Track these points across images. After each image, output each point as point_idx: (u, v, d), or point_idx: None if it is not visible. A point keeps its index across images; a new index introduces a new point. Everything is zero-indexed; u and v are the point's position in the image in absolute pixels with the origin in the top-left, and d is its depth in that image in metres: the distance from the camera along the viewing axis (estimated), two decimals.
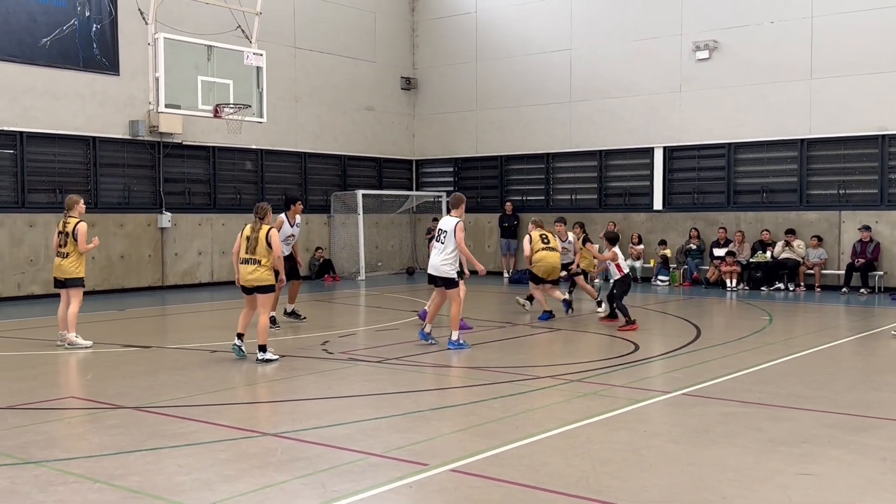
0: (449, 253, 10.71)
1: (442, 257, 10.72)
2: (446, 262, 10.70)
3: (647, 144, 21.17)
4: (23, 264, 17.08)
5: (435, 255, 10.88)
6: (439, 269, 10.77)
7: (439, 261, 10.76)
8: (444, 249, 10.73)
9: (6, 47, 16.67)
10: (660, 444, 6.38)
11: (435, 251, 10.90)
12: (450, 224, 10.78)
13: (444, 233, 10.80)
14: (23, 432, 6.64)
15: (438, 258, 10.78)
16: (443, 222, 10.97)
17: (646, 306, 15.89)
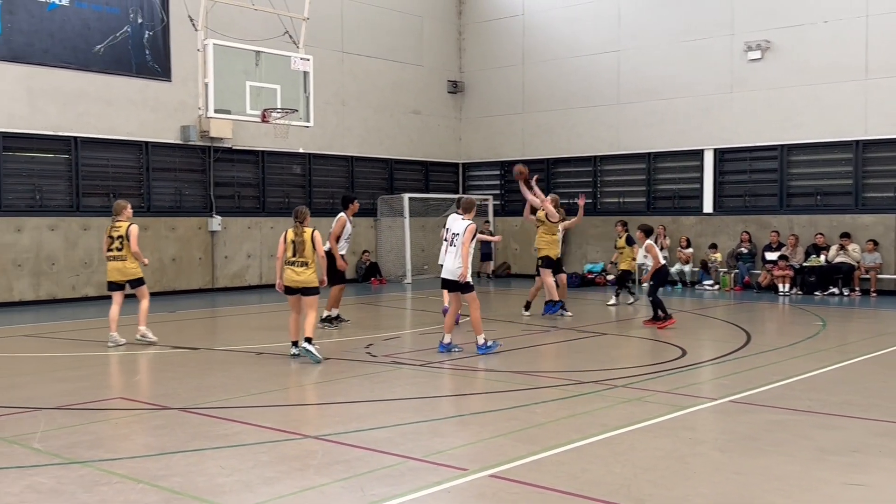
0: (457, 256, 10.53)
1: (457, 261, 10.51)
2: (461, 266, 10.50)
3: (697, 146, 20.88)
4: (77, 267, 17.47)
5: (449, 258, 10.65)
6: (454, 273, 10.55)
7: (454, 264, 10.55)
8: (458, 252, 10.53)
9: (61, 54, 17.08)
10: (705, 451, 6.25)
11: (449, 255, 10.65)
12: (461, 226, 10.55)
13: (456, 235, 10.58)
14: (71, 432, 6.77)
15: (453, 262, 10.57)
16: (454, 224, 10.69)
17: (695, 311, 15.66)
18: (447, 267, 10.66)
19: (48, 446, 6.32)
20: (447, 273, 10.66)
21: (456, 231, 10.59)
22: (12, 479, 5.52)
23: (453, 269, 10.53)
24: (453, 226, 10.68)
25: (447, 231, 10.77)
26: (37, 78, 16.79)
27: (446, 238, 10.75)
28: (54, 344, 11.88)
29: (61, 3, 17.07)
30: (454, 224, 10.69)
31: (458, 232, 10.55)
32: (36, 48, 16.74)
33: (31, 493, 5.25)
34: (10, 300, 16.49)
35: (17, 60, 16.50)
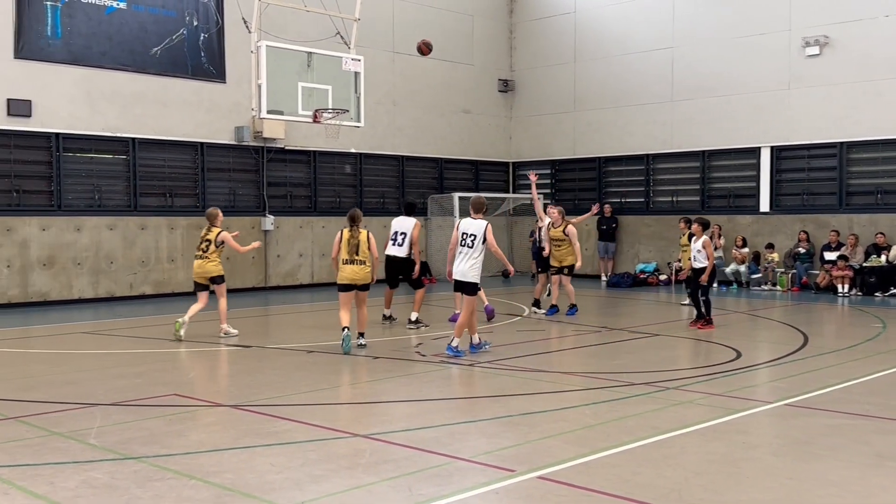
0: (476, 258, 10.26)
1: (471, 263, 10.25)
2: (474, 268, 10.25)
3: (753, 144, 20.50)
4: (135, 265, 17.83)
5: (464, 260, 10.30)
6: (467, 275, 10.27)
7: (468, 267, 10.27)
8: (472, 254, 10.23)
9: (119, 57, 17.45)
10: (758, 456, 6.13)
11: (463, 257, 10.31)
12: (479, 227, 10.26)
13: (472, 237, 10.26)
14: (126, 428, 6.90)
15: (468, 264, 10.27)
16: (469, 225, 10.35)
17: (751, 312, 15.38)
18: (462, 269, 10.29)
19: (104, 442, 6.45)
20: (461, 275, 10.31)
21: (473, 233, 10.26)
22: (68, 475, 5.65)
23: (467, 271, 10.25)
24: (469, 228, 10.33)
25: (462, 234, 10.34)
26: (95, 80, 17.18)
27: (462, 241, 10.32)
28: (112, 341, 12.14)
29: (119, 6, 17.44)
30: (470, 226, 10.34)
31: (475, 233, 10.24)
32: (94, 51, 17.13)
33: (86, 489, 5.37)
34: (70, 298, 16.91)
35: (77, 63, 16.91)
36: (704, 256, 12.59)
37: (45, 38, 16.52)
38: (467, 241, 10.25)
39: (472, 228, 10.28)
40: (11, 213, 16.28)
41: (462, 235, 10.30)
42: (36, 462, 5.94)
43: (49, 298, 16.64)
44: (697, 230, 12.80)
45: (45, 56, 16.53)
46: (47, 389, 8.51)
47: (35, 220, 16.54)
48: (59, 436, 6.64)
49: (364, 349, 10.73)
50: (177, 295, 18.12)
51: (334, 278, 11.11)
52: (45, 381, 9.01)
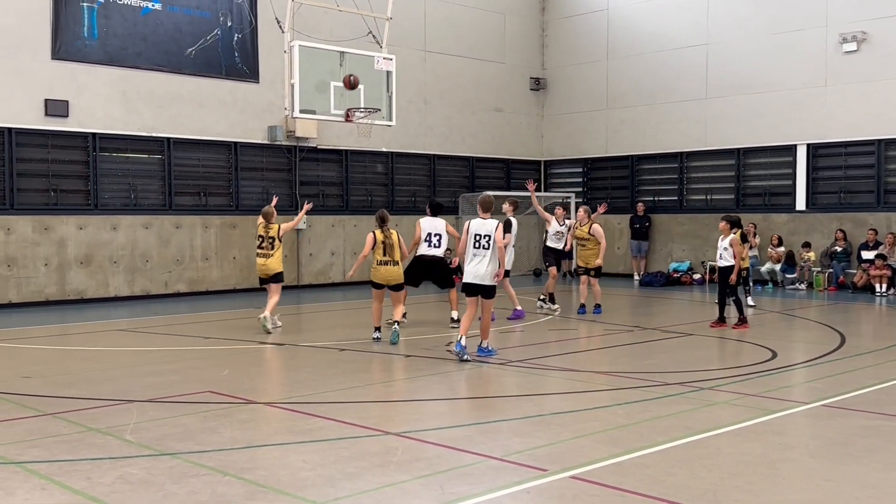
0: (493, 259, 9.91)
1: (487, 265, 9.87)
2: (490, 271, 9.88)
3: (789, 142, 20.24)
4: (169, 264, 18.03)
5: (480, 263, 9.89)
6: (485, 279, 9.87)
7: (486, 270, 9.86)
8: (488, 256, 9.88)
9: (155, 57, 17.65)
10: (795, 457, 6.06)
11: (478, 259, 9.91)
12: (491, 227, 9.91)
13: (486, 237, 9.88)
14: (161, 424, 6.98)
15: (485, 267, 9.87)
16: (480, 226, 9.96)
17: (787, 311, 15.19)
18: (478, 272, 9.88)
19: (140, 438, 6.54)
20: (478, 278, 9.88)
21: (486, 233, 9.91)
22: (105, 470, 5.73)
23: (484, 274, 9.86)
24: (481, 229, 9.97)
25: (474, 235, 9.96)
26: (131, 81, 17.39)
27: (477, 243, 9.94)
28: (147, 338, 12.29)
29: (154, 7, 17.64)
30: (482, 227, 9.98)
31: (488, 234, 9.90)
32: (130, 52, 17.35)
33: (122, 484, 5.44)
34: (107, 295, 17.14)
35: (113, 63, 17.13)
36: (731, 255, 12.45)
37: (81, 39, 16.76)
38: (482, 242, 9.91)
39: (485, 229, 9.95)
40: (49, 212, 16.54)
41: (474, 237, 9.95)
42: (73, 458, 6.03)
43: (86, 296, 16.89)
44: (725, 228, 12.67)
45: (82, 57, 16.76)
46: (85, 386, 8.63)
47: (72, 218, 16.78)
48: (96, 432, 6.74)
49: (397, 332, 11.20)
50: (211, 293, 18.31)
51: (366, 277, 11.35)
52: (83, 377, 9.14)
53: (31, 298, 16.23)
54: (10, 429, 6.87)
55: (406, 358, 10.29)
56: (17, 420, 7.17)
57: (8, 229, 16.04)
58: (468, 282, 9.98)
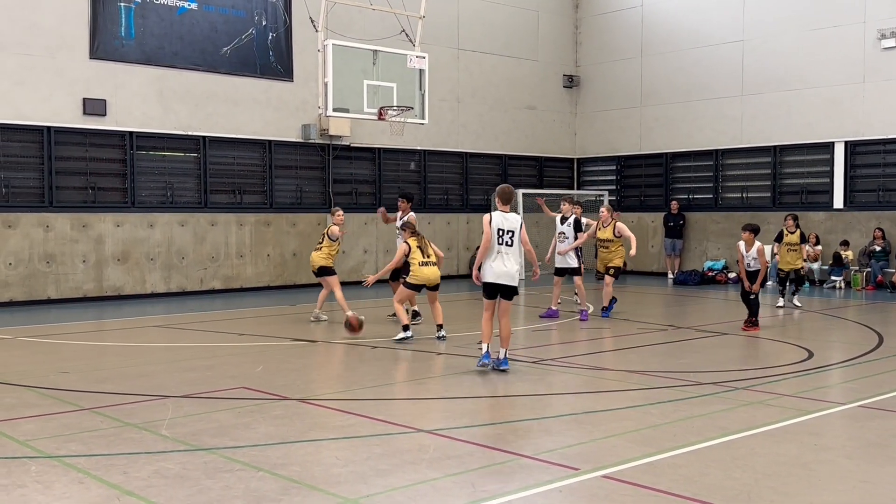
0: (520, 257, 9.31)
1: (515, 263, 9.13)
2: (518, 270, 9.17)
3: (826, 139, 19.95)
4: (205, 261, 18.22)
5: (506, 261, 9.06)
6: (515, 278, 9.12)
7: (515, 269, 9.12)
8: (515, 254, 9.14)
9: (191, 56, 17.84)
10: (831, 458, 5.98)
11: (505, 257, 9.06)
12: (515, 222, 9.15)
13: (510, 233, 9.07)
14: (196, 420, 7.07)
15: (513, 266, 9.09)
16: (503, 221, 9.09)
17: (824, 311, 14.98)
18: (508, 271, 9.08)
19: (175, 433, 6.62)
20: (508, 278, 9.09)
21: (510, 229, 9.11)
22: (141, 465, 5.81)
23: (513, 274, 9.11)
24: (504, 224, 9.13)
25: (497, 231, 9.11)
26: (168, 80, 17.60)
27: (500, 240, 9.11)
28: (183, 335, 12.43)
29: (190, 6, 17.83)
30: (505, 222, 9.14)
31: (512, 230, 9.12)
32: (166, 51, 17.55)
33: (158, 479, 5.51)
34: (144, 292, 17.37)
35: (150, 63, 17.34)
36: (758, 262, 12.38)
37: (119, 39, 16.99)
38: (505, 238, 9.08)
39: (508, 224, 9.10)
40: (87, 209, 16.79)
41: (498, 233, 9.07)
42: (110, 452, 6.12)
43: (123, 293, 17.13)
44: (750, 239, 12.45)
45: (120, 56, 16.99)
46: (121, 381, 8.76)
47: (110, 216, 17.02)
48: (133, 427, 6.83)
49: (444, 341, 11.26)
50: (245, 290, 18.48)
51: None
52: (119, 373, 9.27)
53: (69, 295, 16.49)
54: (49, 423, 7.00)
55: (438, 356, 10.30)
56: (56, 415, 7.29)
57: (47, 226, 16.31)
58: (495, 282, 9.13)
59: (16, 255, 15.98)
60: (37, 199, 16.31)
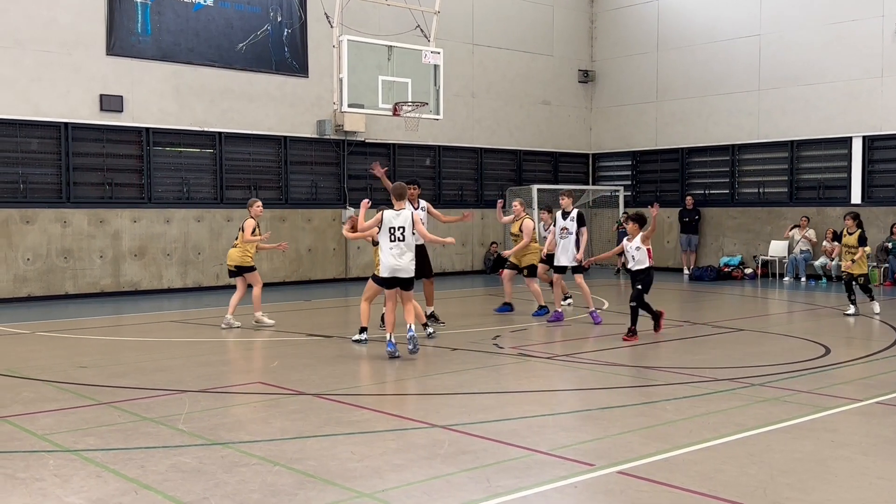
0: (413, 249, 9.78)
1: (410, 256, 9.73)
2: (413, 261, 9.81)
3: (844, 134, 19.81)
4: (221, 256, 18.27)
5: (402, 256, 9.65)
6: (409, 270, 9.79)
7: (409, 262, 9.73)
8: (408, 247, 9.77)
9: (207, 53, 17.91)
10: (848, 455, 5.94)
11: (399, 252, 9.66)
12: (407, 218, 9.72)
13: (401, 229, 9.68)
14: (213, 415, 7.11)
15: (407, 259, 9.71)
16: (394, 218, 9.69)
17: (840, 307, 14.88)
18: (402, 266, 9.69)
19: (192, 427, 6.66)
20: (402, 272, 9.70)
21: (401, 224, 9.69)
22: (158, 459, 5.85)
23: (408, 266, 9.79)
24: (396, 220, 9.75)
25: (393, 228, 9.69)
26: (184, 76, 17.68)
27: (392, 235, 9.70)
28: (199, 329, 12.50)
29: (206, 3, 17.90)
30: (396, 218, 9.76)
31: (404, 225, 9.68)
32: (183, 47, 17.63)
33: (175, 472, 5.55)
34: (160, 287, 17.48)
35: (166, 59, 17.43)
36: (645, 255, 10.99)
37: (135, 35, 17.07)
38: (397, 234, 9.64)
39: (399, 221, 9.69)
40: (104, 205, 16.91)
41: (390, 230, 9.62)
42: (127, 446, 6.17)
43: (140, 288, 17.24)
44: (634, 229, 11.09)
45: (136, 53, 17.08)
46: (138, 376, 8.82)
47: (127, 212, 17.14)
48: (150, 421, 6.88)
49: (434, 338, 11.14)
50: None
51: None
52: (136, 367, 9.34)
53: (86, 290, 16.62)
54: (66, 417, 7.06)
55: (452, 351, 10.32)
56: (74, 409, 7.35)
57: (64, 222, 16.43)
58: (387, 276, 9.69)
59: (34, 250, 16.11)
60: (54, 195, 16.43)
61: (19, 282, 15.95)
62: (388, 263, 9.67)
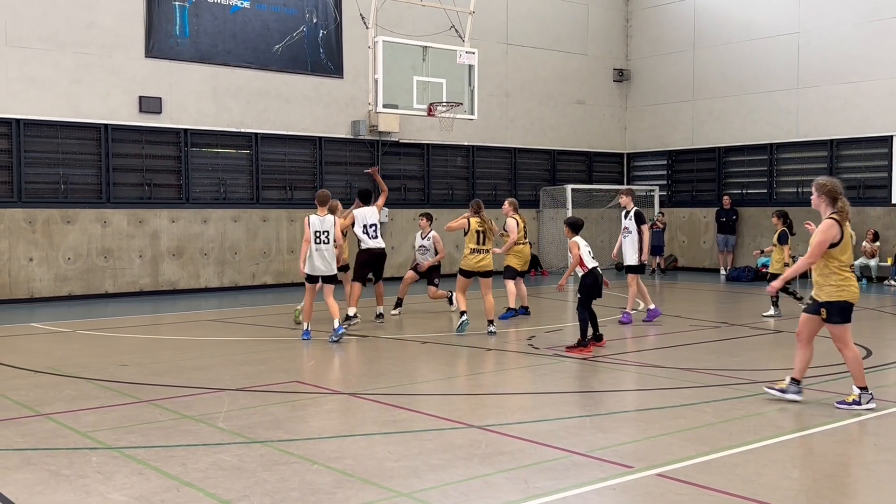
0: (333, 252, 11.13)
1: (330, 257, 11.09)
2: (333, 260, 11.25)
3: (885, 132, 19.48)
4: (257, 256, 18.46)
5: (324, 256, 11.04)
6: (331, 269, 11.18)
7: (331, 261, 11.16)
8: (329, 250, 11.07)
9: (243, 54, 18.07)
10: (892, 458, 5.85)
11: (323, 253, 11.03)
12: (330, 223, 10.99)
13: (325, 233, 10.97)
14: (252, 413, 7.17)
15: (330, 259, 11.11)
16: (319, 223, 10.99)
17: (881, 308, 14.64)
18: (324, 265, 11.03)
19: (231, 426, 6.72)
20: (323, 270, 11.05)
21: (326, 229, 10.99)
22: (199, 456, 5.92)
23: (330, 265, 11.10)
24: (321, 225, 11.01)
25: (318, 232, 10.99)
26: (221, 78, 17.85)
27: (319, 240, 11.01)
28: (236, 328, 12.62)
29: (243, 5, 18.06)
30: (322, 224, 11.03)
31: (328, 230, 11.00)
32: (220, 49, 17.80)
33: (215, 470, 5.61)
34: (198, 287, 17.67)
35: (203, 61, 17.61)
36: (576, 261, 10.44)
37: (174, 38, 17.27)
38: (322, 237, 10.97)
39: (324, 226, 10.98)
40: (143, 205, 17.13)
41: (315, 234, 10.96)
42: (168, 444, 6.25)
43: (178, 287, 17.44)
44: (568, 233, 10.75)
45: (175, 55, 17.28)
46: (177, 374, 8.93)
47: (165, 212, 17.34)
48: (190, 419, 6.96)
49: (494, 336, 11.28)
50: (296, 285, 18.63)
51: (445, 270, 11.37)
52: (176, 366, 9.45)
53: (125, 289, 16.85)
54: (108, 415, 7.16)
55: (487, 352, 10.31)
56: (115, 406, 7.46)
57: (104, 222, 16.67)
58: (310, 273, 11.04)
59: (74, 250, 16.37)
60: (94, 196, 16.68)
61: (60, 281, 16.22)
62: (311, 263, 11.02)
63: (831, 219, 7.18)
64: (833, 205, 7.25)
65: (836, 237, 7.13)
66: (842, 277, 7.17)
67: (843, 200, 7.26)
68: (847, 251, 7.24)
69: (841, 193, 7.28)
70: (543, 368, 9.30)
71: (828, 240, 7.11)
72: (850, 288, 7.19)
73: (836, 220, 7.16)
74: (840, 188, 7.31)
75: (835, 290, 7.15)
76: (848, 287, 7.18)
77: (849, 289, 7.19)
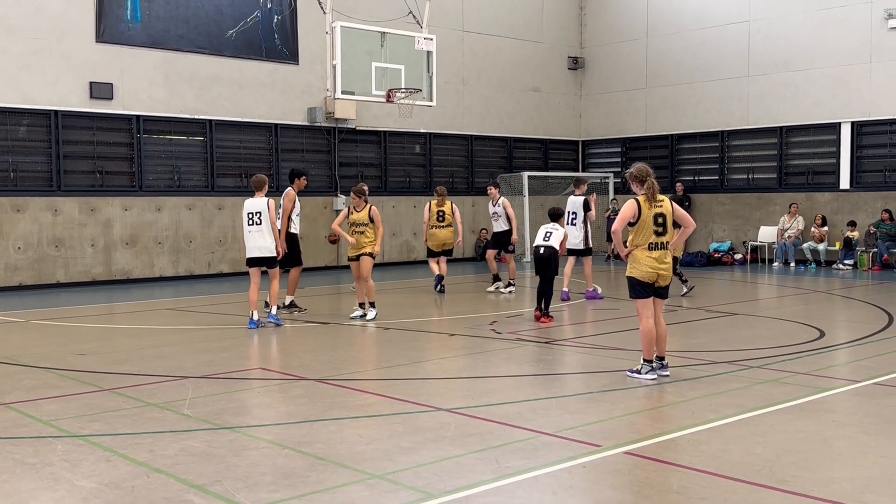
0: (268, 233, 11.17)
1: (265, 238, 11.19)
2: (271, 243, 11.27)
3: (833, 120, 19.94)
4: (213, 244, 18.26)
5: (259, 237, 11.16)
6: (269, 250, 11.26)
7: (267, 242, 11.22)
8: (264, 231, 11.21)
9: (196, 40, 17.80)
10: (849, 434, 6.02)
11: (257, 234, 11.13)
12: (263, 205, 11.05)
13: (258, 214, 11.07)
14: (217, 400, 7.12)
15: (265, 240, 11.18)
16: (252, 205, 11.14)
17: (832, 291, 15.03)
18: (259, 245, 11.12)
19: (197, 412, 6.67)
20: (259, 252, 11.17)
21: (258, 210, 11.05)
22: (167, 443, 5.86)
23: (268, 246, 11.16)
24: (253, 207, 11.11)
25: (251, 214, 11.07)
26: (174, 63, 17.56)
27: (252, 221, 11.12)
28: (194, 317, 12.48)
29: None
30: (254, 205, 11.11)
31: (260, 211, 11.03)
32: (172, 34, 17.51)
33: (185, 456, 5.56)
34: (152, 276, 17.41)
35: (156, 46, 17.31)
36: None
37: (125, 23, 16.94)
38: (255, 219, 11.06)
39: (256, 207, 11.07)
40: (95, 193, 16.81)
41: (248, 216, 11.09)
42: (135, 431, 6.18)
43: (132, 276, 17.17)
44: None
45: (126, 40, 16.95)
46: (138, 363, 8.81)
47: (118, 200, 17.05)
48: (154, 406, 6.88)
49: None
50: None
51: (403, 257, 11.41)
52: (135, 354, 9.32)
53: (78, 279, 16.54)
54: (70, 403, 7.05)
55: (450, 337, 10.36)
56: (77, 395, 7.35)
57: (55, 210, 16.33)
58: (249, 256, 11.20)
59: (24, 239, 16.01)
60: (45, 184, 16.33)
61: (10, 270, 15.86)
62: (248, 245, 11.20)
63: (633, 199, 7.73)
64: (641, 186, 7.75)
65: (633, 216, 7.67)
66: (634, 257, 7.69)
67: (650, 181, 7.76)
68: (643, 231, 7.69)
69: (648, 176, 7.82)
70: (507, 353, 9.38)
71: (626, 217, 7.70)
72: (641, 267, 7.65)
73: (636, 202, 7.67)
74: (645, 172, 7.84)
75: (630, 266, 7.74)
76: (637, 266, 7.66)
77: (638, 267, 7.66)
